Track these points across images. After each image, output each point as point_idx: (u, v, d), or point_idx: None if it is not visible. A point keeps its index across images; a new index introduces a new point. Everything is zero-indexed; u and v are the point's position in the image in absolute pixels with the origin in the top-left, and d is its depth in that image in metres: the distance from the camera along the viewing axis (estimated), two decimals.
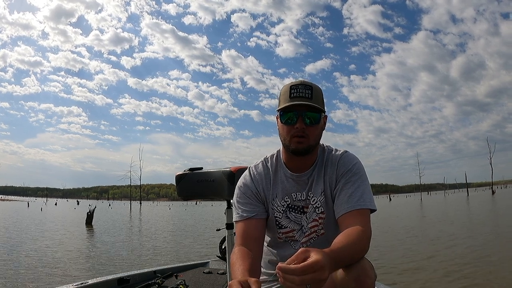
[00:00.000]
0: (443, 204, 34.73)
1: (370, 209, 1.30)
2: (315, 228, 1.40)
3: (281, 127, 1.34)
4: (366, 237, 1.18)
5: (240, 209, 1.40)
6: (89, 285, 2.26)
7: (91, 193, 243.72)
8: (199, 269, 2.99)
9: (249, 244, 1.30)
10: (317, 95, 1.32)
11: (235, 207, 1.42)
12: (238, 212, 1.40)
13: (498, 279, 5.35)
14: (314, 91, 1.31)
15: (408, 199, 77.47)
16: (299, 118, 1.29)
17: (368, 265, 1.15)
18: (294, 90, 1.30)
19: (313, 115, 1.30)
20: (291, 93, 1.30)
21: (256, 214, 1.38)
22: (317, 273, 0.88)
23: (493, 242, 9.12)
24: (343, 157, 1.40)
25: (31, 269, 6.72)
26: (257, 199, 1.42)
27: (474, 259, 6.83)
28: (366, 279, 1.10)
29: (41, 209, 43.25)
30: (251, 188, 1.43)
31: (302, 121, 1.29)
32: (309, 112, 1.30)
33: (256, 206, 1.40)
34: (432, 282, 5.43)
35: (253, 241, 1.32)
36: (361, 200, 1.28)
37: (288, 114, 1.30)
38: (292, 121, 1.30)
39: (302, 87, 1.30)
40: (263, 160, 1.50)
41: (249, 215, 1.37)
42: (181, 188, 2.41)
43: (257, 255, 1.30)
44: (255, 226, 1.36)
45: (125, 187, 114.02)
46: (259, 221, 1.38)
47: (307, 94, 1.30)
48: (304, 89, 1.30)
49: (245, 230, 1.35)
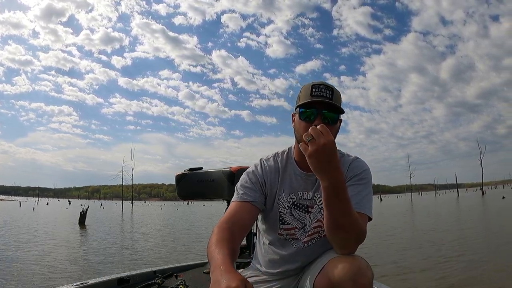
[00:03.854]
0: (433, 205, 34.97)
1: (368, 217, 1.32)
2: (318, 228, 1.41)
3: (298, 123, 1.34)
4: (362, 231, 1.21)
5: (242, 191, 1.39)
6: (89, 285, 2.22)
7: (82, 193, 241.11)
8: (199, 269, 2.96)
9: (234, 228, 1.24)
10: (337, 97, 1.34)
11: (237, 190, 1.41)
12: (238, 193, 1.39)
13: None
14: (335, 93, 1.34)
15: (399, 199, 77.83)
16: (319, 115, 1.30)
17: (365, 264, 1.15)
18: (315, 88, 1.32)
19: (331, 116, 1.31)
20: (313, 91, 1.32)
21: (255, 201, 1.37)
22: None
23: (475, 241, 9.27)
24: (354, 162, 1.42)
25: (29, 269, 6.65)
26: (261, 189, 1.42)
27: (454, 260, 6.95)
28: (363, 277, 1.10)
29: (33, 208, 42.56)
30: (258, 177, 1.43)
31: (321, 118, 1.30)
32: (328, 112, 1.31)
33: (258, 194, 1.40)
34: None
35: (239, 226, 1.27)
36: (360, 204, 1.30)
37: (308, 111, 1.32)
38: (310, 119, 1.31)
39: (324, 87, 1.32)
40: (274, 154, 1.51)
41: (248, 198, 1.36)
42: (181, 188, 2.40)
43: (238, 240, 1.24)
44: (248, 212, 1.35)
45: (117, 186, 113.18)
46: (254, 208, 1.36)
47: (328, 94, 1.31)
48: (326, 89, 1.32)
49: (237, 211, 1.33)
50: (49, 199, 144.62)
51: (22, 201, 78.84)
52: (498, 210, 21.52)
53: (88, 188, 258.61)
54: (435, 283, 5.38)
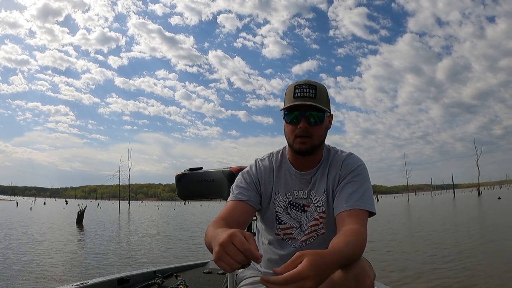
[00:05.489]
0: (430, 205, 35.11)
1: (369, 212, 1.30)
2: (315, 227, 1.40)
3: (286, 126, 1.35)
4: (363, 238, 1.16)
5: (237, 191, 1.39)
6: (89, 285, 2.23)
7: (79, 193, 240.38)
8: (199, 269, 2.98)
9: (230, 225, 1.20)
10: (321, 94, 1.32)
11: (232, 191, 1.41)
12: (233, 193, 1.39)
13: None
14: (318, 90, 1.31)
15: (395, 199, 78.03)
16: (303, 118, 1.29)
17: (367, 265, 1.14)
18: (298, 89, 1.30)
19: (317, 115, 1.30)
20: (295, 92, 1.30)
21: (250, 200, 1.37)
22: (300, 283, 0.86)
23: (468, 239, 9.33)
24: (348, 158, 1.41)
25: (29, 270, 6.64)
26: (256, 188, 1.42)
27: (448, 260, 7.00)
28: (365, 278, 1.08)
29: (31, 208, 42.60)
30: (253, 177, 1.43)
31: (305, 120, 1.29)
32: (313, 112, 1.30)
33: (253, 194, 1.40)
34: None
35: (235, 224, 1.25)
36: (361, 200, 1.28)
37: (292, 114, 1.31)
38: (296, 121, 1.31)
39: (306, 86, 1.30)
40: (269, 155, 1.51)
41: (243, 198, 1.36)
42: (181, 188, 2.37)
43: None
44: (244, 210, 1.35)
45: (114, 186, 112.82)
46: (249, 207, 1.37)
47: (311, 93, 1.29)
48: (308, 88, 1.30)
49: (233, 209, 1.33)
50: (46, 199, 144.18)
51: (19, 201, 78.60)
52: (494, 210, 21.63)
53: (85, 188, 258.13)
54: (434, 283, 5.41)
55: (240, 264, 0.90)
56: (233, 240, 0.89)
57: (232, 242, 0.89)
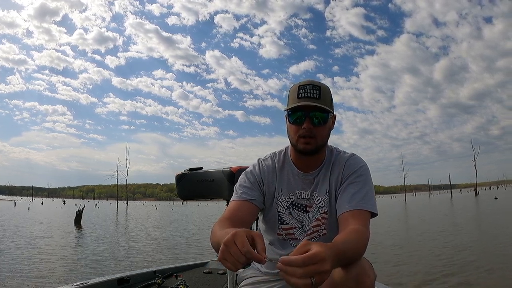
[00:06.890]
0: (427, 205, 35.20)
1: (371, 213, 1.29)
2: (317, 228, 1.40)
3: (289, 126, 1.35)
4: (364, 238, 1.16)
5: (241, 190, 1.39)
6: (89, 285, 2.23)
7: (77, 192, 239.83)
8: (199, 269, 2.97)
9: (235, 224, 1.20)
10: (325, 95, 1.32)
11: (236, 190, 1.40)
12: (237, 193, 1.38)
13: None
14: (322, 91, 1.31)
15: (392, 200, 78.13)
16: (307, 118, 1.29)
17: (368, 265, 1.15)
18: (302, 90, 1.30)
19: (321, 115, 1.30)
20: (299, 93, 1.30)
21: (254, 199, 1.37)
22: (318, 264, 0.84)
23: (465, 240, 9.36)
24: (350, 159, 1.41)
25: (28, 270, 6.63)
26: (259, 188, 1.42)
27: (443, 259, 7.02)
28: (366, 278, 1.09)
29: (28, 208, 42.43)
30: (257, 176, 1.43)
31: (309, 121, 1.29)
32: (317, 112, 1.29)
33: (257, 193, 1.40)
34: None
35: (239, 223, 1.24)
36: (363, 201, 1.28)
37: (296, 114, 1.31)
38: (300, 121, 1.30)
39: (310, 87, 1.30)
40: (271, 154, 1.51)
41: (247, 197, 1.36)
42: (181, 188, 2.37)
43: None
44: (249, 210, 1.34)
45: (111, 186, 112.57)
46: (253, 207, 1.36)
47: (315, 94, 1.29)
48: (312, 89, 1.29)
49: (237, 209, 1.33)
50: (44, 199, 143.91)
51: (17, 201, 78.36)
52: (491, 210, 21.71)
53: (82, 188, 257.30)
54: (434, 284, 5.43)
55: (243, 264, 0.90)
56: (235, 240, 0.89)
57: (234, 242, 0.89)
